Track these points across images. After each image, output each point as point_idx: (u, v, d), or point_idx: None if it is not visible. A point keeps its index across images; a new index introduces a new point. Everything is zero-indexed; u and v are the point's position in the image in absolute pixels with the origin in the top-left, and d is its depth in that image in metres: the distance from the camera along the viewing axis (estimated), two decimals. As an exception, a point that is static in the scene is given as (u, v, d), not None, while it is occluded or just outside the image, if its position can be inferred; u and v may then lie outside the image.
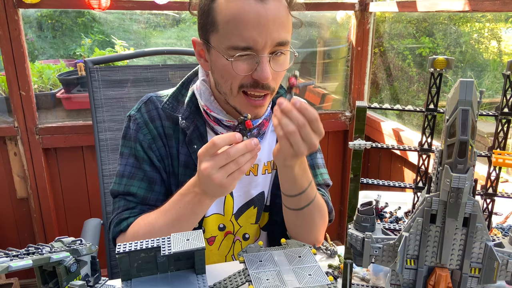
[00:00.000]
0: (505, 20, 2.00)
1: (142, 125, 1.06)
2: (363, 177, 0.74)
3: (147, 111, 1.07)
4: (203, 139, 1.05)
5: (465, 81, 0.56)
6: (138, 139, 1.06)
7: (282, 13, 0.92)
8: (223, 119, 1.03)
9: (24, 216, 2.21)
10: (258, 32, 0.89)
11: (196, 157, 1.01)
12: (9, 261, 0.59)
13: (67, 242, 0.71)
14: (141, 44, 2.52)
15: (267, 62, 0.92)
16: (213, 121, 1.04)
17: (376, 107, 0.73)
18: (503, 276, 0.62)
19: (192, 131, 1.05)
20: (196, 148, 1.03)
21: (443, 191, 0.58)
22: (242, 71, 0.93)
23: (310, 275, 0.71)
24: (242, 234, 1.15)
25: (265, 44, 0.90)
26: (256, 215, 1.14)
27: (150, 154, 1.05)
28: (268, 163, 1.12)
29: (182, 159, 1.05)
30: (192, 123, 1.05)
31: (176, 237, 0.74)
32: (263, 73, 0.91)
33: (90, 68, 1.53)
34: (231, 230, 1.14)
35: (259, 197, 1.13)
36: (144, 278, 0.73)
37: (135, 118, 1.07)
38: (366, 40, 2.41)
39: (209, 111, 1.03)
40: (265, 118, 1.07)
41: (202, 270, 0.74)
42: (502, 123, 0.71)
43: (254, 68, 0.92)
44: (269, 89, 0.96)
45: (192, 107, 1.06)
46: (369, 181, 0.75)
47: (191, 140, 1.05)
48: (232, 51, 0.91)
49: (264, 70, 0.91)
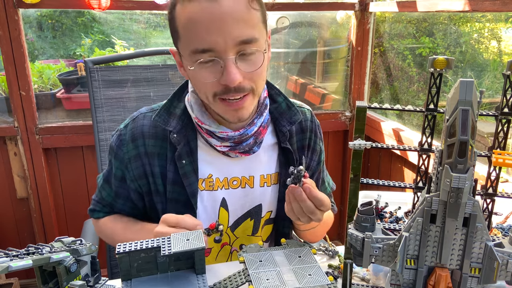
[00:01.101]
0: (505, 20, 2.00)
1: (124, 142, 1.05)
2: (363, 177, 0.74)
3: (132, 128, 1.05)
4: (192, 154, 1.02)
5: (465, 81, 0.56)
6: (117, 155, 1.06)
7: (240, 8, 0.85)
8: (215, 131, 0.99)
9: (24, 216, 2.21)
10: (216, 32, 0.84)
11: (183, 173, 1.01)
12: (9, 261, 0.59)
13: (67, 242, 0.71)
14: (141, 44, 2.52)
15: (233, 64, 0.86)
16: (206, 133, 1.00)
17: (376, 107, 0.73)
18: (503, 276, 0.62)
19: (183, 146, 1.01)
20: (184, 163, 1.01)
21: (443, 191, 0.58)
22: (207, 78, 0.89)
23: (310, 275, 0.71)
24: (239, 244, 1.14)
25: (225, 44, 0.85)
26: (253, 227, 1.12)
27: (125, 172, 1.06)
28: (268, 176, 1.09)
29: (170, 176, 1.02)
30: (183, 137, 1.01)
31: (176, 237, 0.74)
32: (229, 77, 0.86)
33: (90, 68, 1.53)
34: (227, 241, 1.12)
35: (256, 210, 1.10)
36: (144, 278, 0.73)
37: (120, 134, 1.06)
38: (366, 40, 2.41)
39: (200, 123, 0.99)
40: (262, 125, 1.02)
41: (202, 270, 0.74)
42: (502, 123, 0.71)
43: (221, 73, 0.87)
44: (245, 91, 0.91)
45: (185, 120, 1.02)
46: (369, 181, 0.75)
47: (180, 155, 1.01)
48: (194, 55, 0.87)
49: (229, 73, 0.86)
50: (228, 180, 1.06)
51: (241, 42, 0.86)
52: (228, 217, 1.09)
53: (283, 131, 1.06)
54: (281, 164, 1.09)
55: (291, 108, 1.07)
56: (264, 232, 1.15)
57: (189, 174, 1.02)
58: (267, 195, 1.10)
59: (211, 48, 0.85)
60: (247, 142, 1.01)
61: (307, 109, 1.15)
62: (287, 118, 1.06)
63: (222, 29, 0.84)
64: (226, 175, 1.06)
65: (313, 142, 1.14)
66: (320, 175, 1.20)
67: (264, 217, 1.12)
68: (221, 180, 1.06)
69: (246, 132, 0.99)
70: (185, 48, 0.90)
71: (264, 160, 1.08)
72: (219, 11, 0.83)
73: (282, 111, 1.07)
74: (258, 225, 1.13)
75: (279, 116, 1.06)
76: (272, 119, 1.08)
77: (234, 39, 0.85)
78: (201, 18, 0.84)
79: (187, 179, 1.01)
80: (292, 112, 1.07)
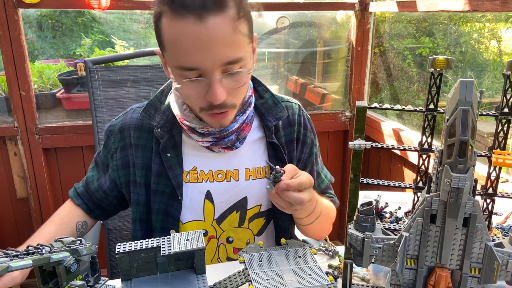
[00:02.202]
0: (505, 20, 2.00)
1: (113, 133, 1.11)
2: (363, 177, 0.74)
3: (122, 120, 1.11)
4: (177, 148, 1.05)
5: (465, 81, 0.56)
6: (106, 144, 1.13)
7: (226, 30, 0.85)
8: (196, 127, 1.02)
9: (24, 216, 2.21)
10: (201, 54, 0.85)
11: (168, 165, 1.05)
12: (9, 261, 0.59)
13: (67, 242, 0.71)
14: (141, 44, 2.52)
15: (218, 83, 0.88)
16: (188, 129, 1.04)
17: (376, 107, 0.73)
18: (503, 276, 0.62)
19: (167, 139, 1.05)
20: (169, 156, 1.05)
21: (443, 191, 0.58)
22: (194, 94, 0.91)
23: (310, 275, 0.71)
24: (226, 237, 1.14)
25: (212, 65, 0.86)
26: (239, 219, 1.13)
27: (108, 161, 1.12)
28: (253, 170, 1.10)
29: (155, 168, 1.05)
30: (167, 131, 1.05)
31: (176, 237, 0.74)
32: (214, 96, 0.88)
33: (90, 68, 1.53)
34: (213, 234, 1.13)
35: (242, 202, 1.11)
36: (144, 278, 0.73)
37: (111, 125, 1.13)
38: (366, 40, 2.41)
39: (182, 119, 1.03)
40: (245, 122, 1.05)
41: (202, 270, 0.74)
42: (502, 123, 0.71)
43: (206, 90, 0.89)
44: (227, 107, 0.94)
45: (169, 115, 1.06)
46: (369, 181, 0.75)
47: (165, 148, 1.04)
48: (180, 71, 0.89)
49: (215, 93, 0.88)
50: (212, 173, 1.08)
51: (227, 63, 0.88)
52: (214, 210, 1.10)
53: (269, 126, 1.09)
54: (270, 158, 1.11)
55: (278, 105, 1.10)
56: (254, 225, 1.15)
57: (174, 167, 1.05)
58: (253, 188, 1.11)
59: (197, 68, 0.87)
60: (229, 138, 1.04)
61: (294, 103, 1.18)
62: (273, 114, 1.09)
63: (208, 51, 0.85)
64: (210, 168, 1.08)
65: (302, 135, 1.16)
66: (313, 167, 1.20)
67: (253, 210, 1.13)
68: (206, 173, 1.08)
69: (227, 129, 1.02)
70: (171, 61, 0.91)
71: (249, 154, 1.10)
72: (206, 34, 0.83)
73: (268, 106, 1.10)
74: (244, 217, 1.13)
75: (266, 112, 1.10)
76: (259, 114, 1.11)
77: (220, 61, 0.86)
78: (187, 38, 0.84)
79: (172, 171, 1.05)
80: (278, 108, 1.10)
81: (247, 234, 1.16)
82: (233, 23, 0.86)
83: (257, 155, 1.11)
